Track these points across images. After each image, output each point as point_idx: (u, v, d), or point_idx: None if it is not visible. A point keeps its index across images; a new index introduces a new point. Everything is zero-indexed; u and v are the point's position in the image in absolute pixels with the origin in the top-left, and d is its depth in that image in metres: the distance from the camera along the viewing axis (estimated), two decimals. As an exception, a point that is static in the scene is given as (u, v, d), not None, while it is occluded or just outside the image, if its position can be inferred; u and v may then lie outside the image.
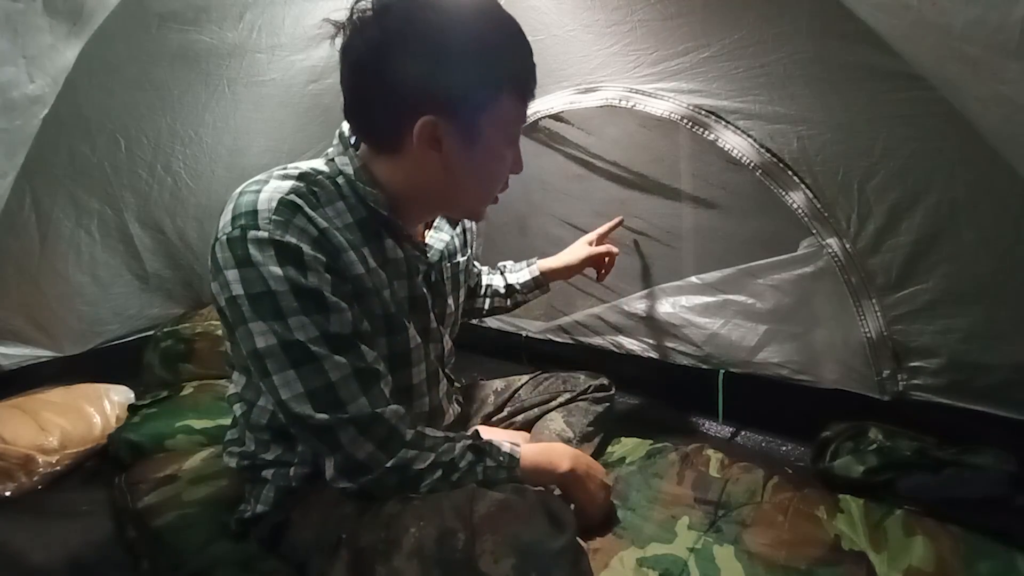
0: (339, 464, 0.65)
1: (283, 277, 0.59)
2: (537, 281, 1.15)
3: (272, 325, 0.60)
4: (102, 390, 1.24)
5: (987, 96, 0.65)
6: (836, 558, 0.78)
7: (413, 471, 0.67)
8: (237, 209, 0.62)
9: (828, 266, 1.00)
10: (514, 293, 1.15)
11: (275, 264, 0.59)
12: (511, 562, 0.56)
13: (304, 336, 0.61)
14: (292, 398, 0.62)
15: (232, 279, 0.60)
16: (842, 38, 0.82)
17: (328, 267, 0.62)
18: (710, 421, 1.26)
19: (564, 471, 0.78)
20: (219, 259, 0.61)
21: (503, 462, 0.74)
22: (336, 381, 0.62)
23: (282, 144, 1.40)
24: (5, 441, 1.03)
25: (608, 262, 1.17)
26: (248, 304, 0.60)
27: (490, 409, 1.08)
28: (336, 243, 0.64)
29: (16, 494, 0.99)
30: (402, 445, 0.67)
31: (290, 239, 0.60)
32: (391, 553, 0.60)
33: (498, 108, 0.65)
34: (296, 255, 0.60)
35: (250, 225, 0.60)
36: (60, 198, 1.18)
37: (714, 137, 1.02)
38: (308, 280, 0.60)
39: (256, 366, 0.63)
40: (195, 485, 0.91)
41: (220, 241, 0.61)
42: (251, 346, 0.62)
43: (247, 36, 1.16)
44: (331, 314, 0.62)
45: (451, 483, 0.69)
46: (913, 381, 1.02)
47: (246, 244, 0.59)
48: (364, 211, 0.68)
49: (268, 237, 0.59)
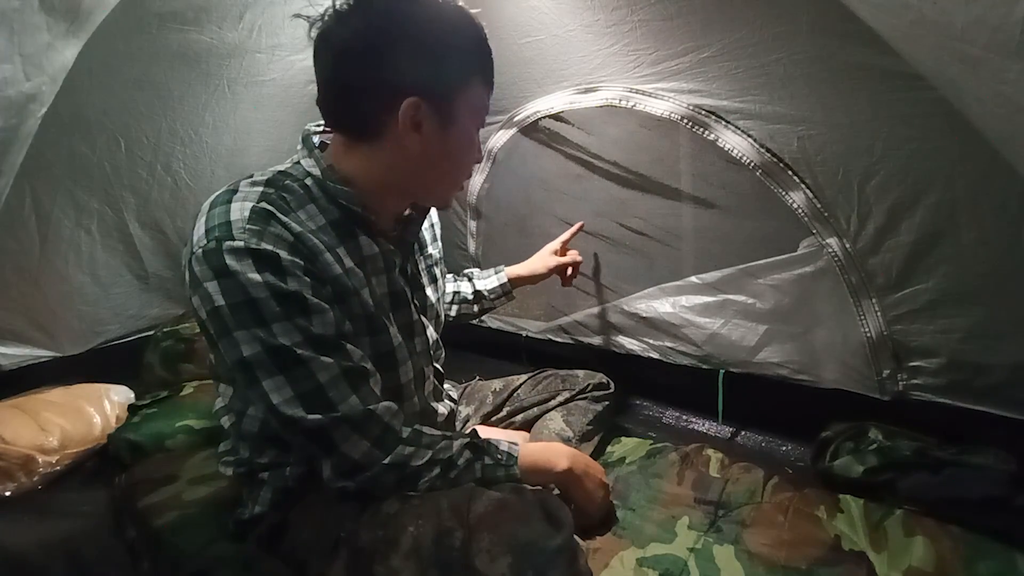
0: (336, 465, 0.65)
1: (263, 284, 0.60)
2: (504, 288, 1.16)
3: (256, 332, 0.60)
4: (102, 390, 1.24)
5: (987, 96, 0.65)
6: (836, 558, 0.78)
7: (411, 468, 0.67)
8: (210, 221, 0.62)
9: (828, 266, 1.00)
10: (481, 299, 1.16)
11: (254, 272, 0.60)
12: (507, 561, 0.57)
13: (289, 340, 0.61)
14: (283, 402, 0.62)
15: (212, 291, 0.60)
16: (842, 38, 0.82)
17: (306, 271, 0.63)
18: (710, 421, 1.26)
19: (562, 470, 0.78)
20: (197, 273, 0.61)
21: (501, 460, 0.74)
22: (325, 382, 0.63)
23: (282, 144, 1.40)
24: (5, 441, 1.03)
25: (572, 271, 1.21)
26: (230, 314, 0.60)
27: (489, 409, 1.08)
28: (311, 246, 0.64)
29: (16, 494, 0.99)
30: (398, 442, 0.67)
31: (266, 246, 0.60)
32: (389, 552, 0.61)
33: (470, 93, 0.69)
34: (274, 261, 0.60)
35: (225, 236, 0.60)
36: (60, 198, 1.18)
37: (714, 137, 1.02)
38: (288, 285, 0.61)
39: (243, 375, 0.63)
40: (195, 485, 0.91)
41: (196, 255, 0.61)
42: (236, 355, 0.62)
43: (247, 36, 1.16)
44: (313, 316, 0.63)
45: (450, 480, 0.69)
46: (913, 381, 1.02)
47: (222, 255, 0.60)
48: (336, 211, 0.69)
49: (244, 246, 0.60)
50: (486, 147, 1.39)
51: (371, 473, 0.66)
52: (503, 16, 1.16)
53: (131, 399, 1.25)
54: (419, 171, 0.70)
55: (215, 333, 0.63)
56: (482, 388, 1.12)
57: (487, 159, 1.41)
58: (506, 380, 1.13)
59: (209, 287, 0.60)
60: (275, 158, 1.34)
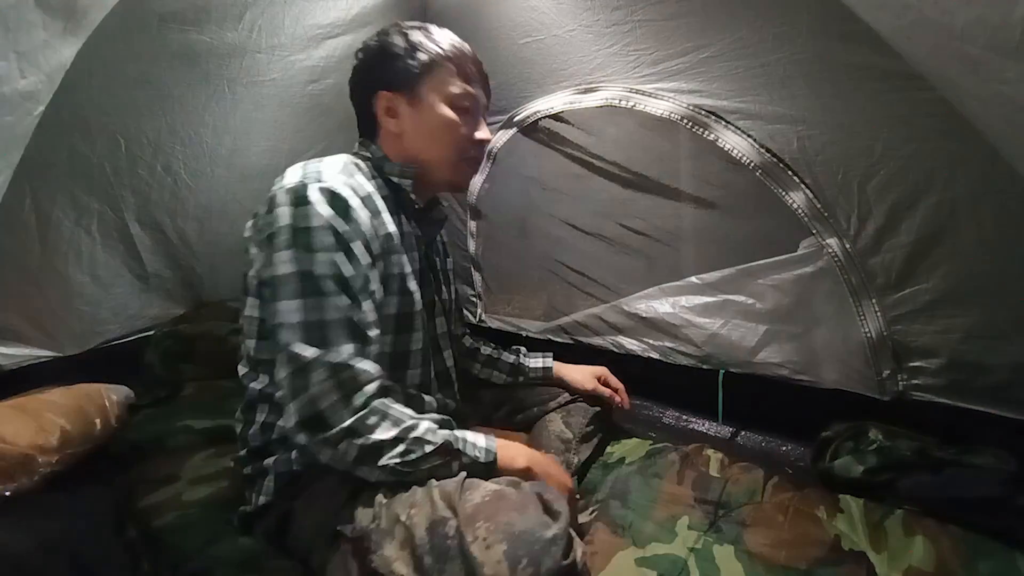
0: (300, 410, 0.65)
1: (330, 217, 0.70)
2: (546, 373, 1.11)
3: (300, 255, 0.68)
4: (102, 390, 1.23)
5: (987, 96, 0.65)
6: (836, 558, 0.78)
7: (372, 441, 0.66)
8: (306, 169, 0.74)
9: (828, 266, 1.00)
10: (519, 374, 1.12)
11: (327, 207, 0.70)
12: (502, 548, 0.57)
13: (323, 271, 0.68)
14: (287, 325, 0.67)
15: (284, 213, 0.70)
16: (842, 38, 0.82)
17: (366, 224, 0.73)
18: (710, 421, 1.26)
19: (519, 468, 0.76)
20: (277, 200, 0.71)
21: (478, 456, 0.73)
22: (331, 320, 0.68)
23: (282, 144, 1.40)
24: (5, 441, 1.02)
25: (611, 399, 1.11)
26: (288, 233, 0.69)
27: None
28: (375, 205, 0.77)
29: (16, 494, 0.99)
30: (366, 406, 0.67)
31: (345, 192, 0.72)
32: (383, 542, 0.61)
33: (434, 78, 0.83)
34: (344, 205, 0.71)
35: (316, 179, 0.72)
36: (60, 198, 1.18)
37: (714, 137, 1.02)
38: (348, 226, 0.71)
39: (268, 291, 0.70)
40: (195, 485, 0.91)
41: (287, 188, 0.71)
42: (271, 272, 0.69)
43: (247, 36, 1.16)
44: (354, 261, 0.71)
45: (415, 464, 0.68)
46: (913, 381, 1.02)
47: (306, 190, 0.70)
48: (387, 189, 0.82)
49: (329, 187, 0.71)
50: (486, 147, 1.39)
51: (331, 434, 0.65)
52: (503, 16, 1.16)
53: (131, 399, 1.24)
54: (413, 150, 0.84)
55: (265, 251, 0.70)
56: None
57: (487, 159, 1.41)
58: (506, 380, 1.13)
59: (283, 211, 0.70)
60: (275, 158, 1.36)
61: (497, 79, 0.75)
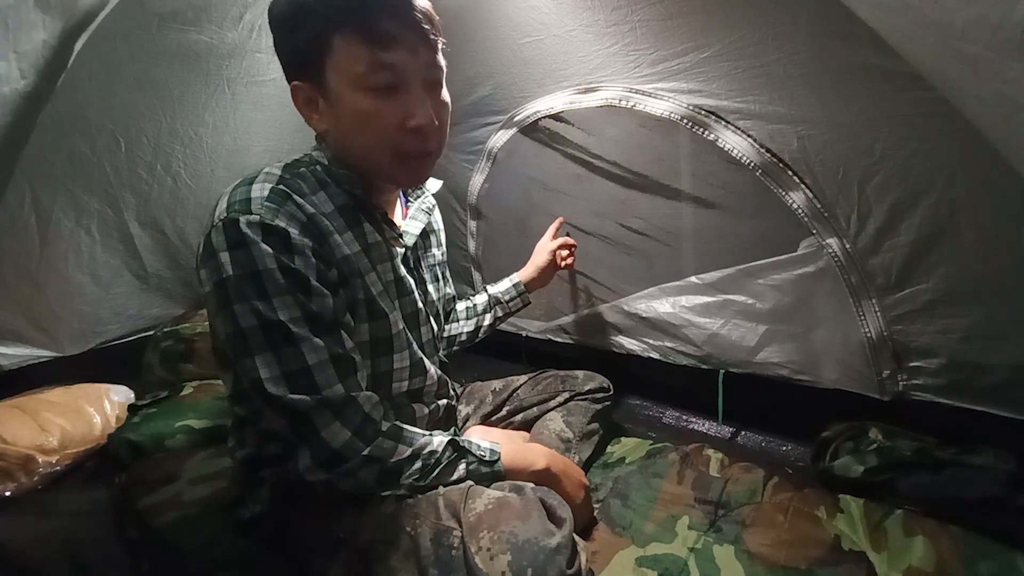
0: (314, 453, 0.65)
1: (272, 256, 0.62)
2: (517, 288, 1.19)
3: (256, 304, 0.62)
4: (102, 390, 1.24)
5: (988, 96, 0.65)
6: (836, 558, 0.78)
7: (391, 464, 0.67)
8: (232, 198, 0.65)
9: (828, 266, 1.00)
10: (497, 303, 1.18)
11: (266, 245, 0.62)
12: (507, 559, 0.57)
13: (286, 316, 0.63)
14: (269, 379, 0.63)
15: (224, 261, 0.62)
16: (842, 38, 0.82)
17: (315, 251, 0.65)
18: (710, 421, 1.26)
19: (539, 468, 0.77)
20: (213, 242, 0.63)
21: (485, 457, 0.74)
22: (313, 364, 0.64)
23: (282, 144, 1.40)
24: (5, 441, 1.03)
25: (569, 252, 1.25)
26: (236, 284, 0.62)
27: (489, 409, 1.08)
28: (322, 227, 0.67)
29: (16, 494, 0.99)
30: (378, 434, 0.67)
31: (279, 223, 0.63)
32: (387, 553, 0.61)
33: (334, 54, 0.65)
34: (284, 238, 0.63)
35: (244, 210, 0.63)
36: (60, 198, 1.18)
37: (714, 137, 1.02)
38: (295, 262, 0.63)
39: (235, 347, 0.64)
40: (195, 485, 0.91)
41: (215, 226, 0.64)
42: (232, 328, 0.63)
43: (247, 36, 1.16)
44: (313, 297, 0.65)
45: (431, 478, 0.69)
46: (913, 381, 1.02)
47: (239, 227, 0.62)
48: (343, 197, 0.72)
49: (260, 220, 0.62)
50: (486, 147, 1.39)
51: (350, 465, 0.65)
52: (503, 16, 1.16)
53: (131, 399, 1.25)
54: (345, 150, 0.72)
55: (217, 304, 0.64)
56: (482, 388, 1.12)
57: (487, 159, 1.41)
58: (506, 380, 1.13)
59: (222, 257, 0.62)
60: (275, 158, 1.35)
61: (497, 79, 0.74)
